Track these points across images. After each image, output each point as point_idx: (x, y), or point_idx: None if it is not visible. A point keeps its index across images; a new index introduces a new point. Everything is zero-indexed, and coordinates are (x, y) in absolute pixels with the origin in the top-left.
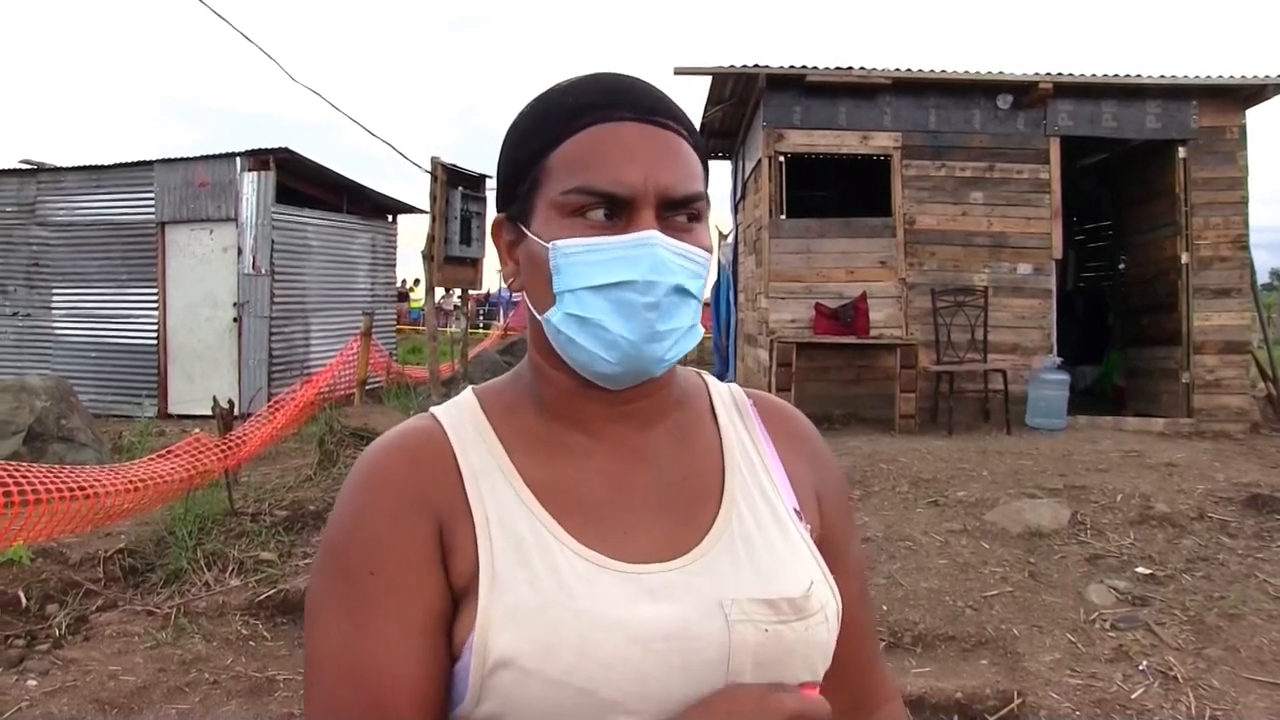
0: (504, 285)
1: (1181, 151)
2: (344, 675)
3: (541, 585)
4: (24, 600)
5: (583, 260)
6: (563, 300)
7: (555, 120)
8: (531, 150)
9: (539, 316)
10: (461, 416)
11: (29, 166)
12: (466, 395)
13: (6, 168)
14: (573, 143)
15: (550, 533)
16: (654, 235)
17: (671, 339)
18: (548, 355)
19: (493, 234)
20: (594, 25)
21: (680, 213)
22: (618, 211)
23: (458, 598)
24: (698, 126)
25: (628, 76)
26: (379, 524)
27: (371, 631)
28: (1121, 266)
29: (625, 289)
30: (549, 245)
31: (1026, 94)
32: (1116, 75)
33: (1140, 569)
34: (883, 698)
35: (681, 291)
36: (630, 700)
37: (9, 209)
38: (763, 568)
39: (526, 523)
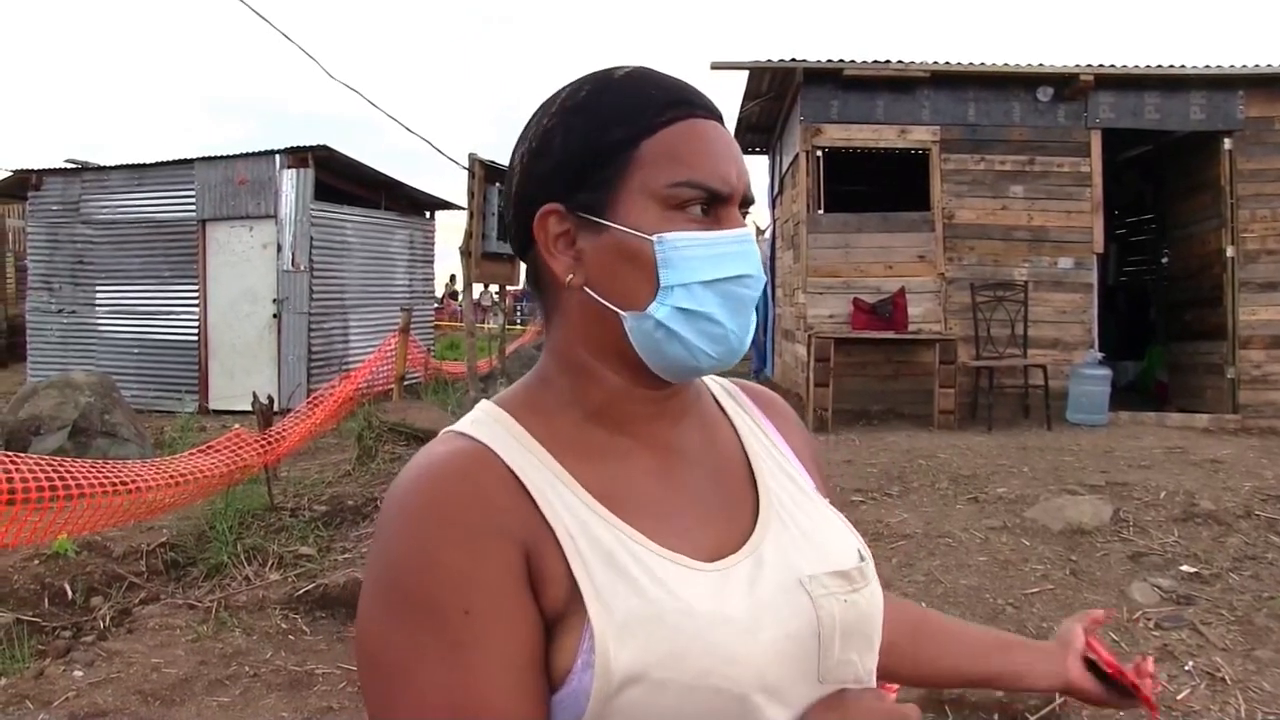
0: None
1: (1227, 143)
2: None
3: (649, 594)
4: (70, 592)
5: (696, 254)
6: (672, 294)
7: (644, 110)
8: (616, 138)
9: (622, 312)
10: (496, 431)
11: (74, 166)
12: (489, 409)
13: (52, 167)
14: (668, 134)
15: (634, 539)
16: (749, 232)
17: (751, 331)
18: (604, 354)
19: (538, 223)
20: (628, 20)
21: (744, 211)
22: (713, 207)
23: (550, 623)
24: (735, 121)
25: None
26: (458, 558)
27: (479, 674)
28: (1164, 260)
29: (736, 283)
30: (653, 238)
31: (1067, 86)
32: (1159, 66)
33: (1185, 567)
34: None
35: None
36: (754, 693)
37: (54, 208)
38: (818, 543)
39: (608, 533)
